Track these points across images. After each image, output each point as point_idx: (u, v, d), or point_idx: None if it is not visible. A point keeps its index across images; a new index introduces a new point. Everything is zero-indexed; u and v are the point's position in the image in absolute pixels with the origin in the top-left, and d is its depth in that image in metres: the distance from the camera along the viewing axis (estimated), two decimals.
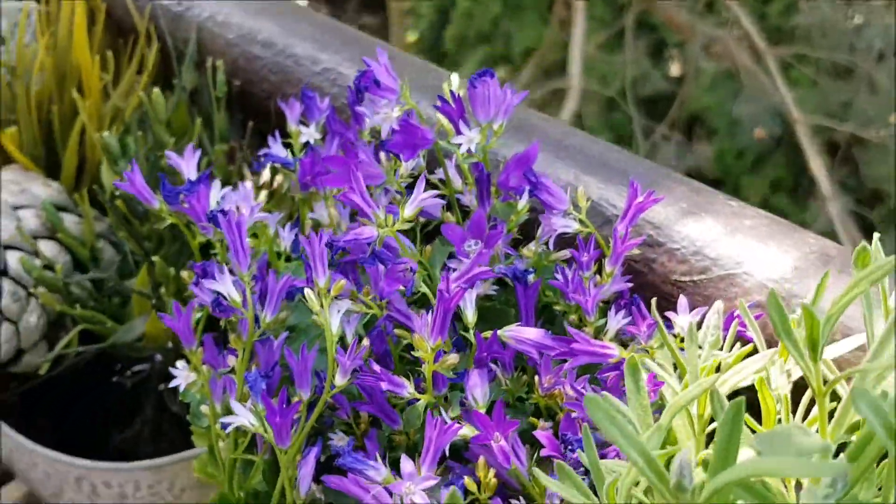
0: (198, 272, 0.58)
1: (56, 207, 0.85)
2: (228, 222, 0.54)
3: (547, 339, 0.53)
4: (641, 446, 0.35)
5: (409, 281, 0.51)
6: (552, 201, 0.57)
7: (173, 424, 0.86)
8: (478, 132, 0.57)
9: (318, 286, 0.52)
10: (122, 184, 0.60)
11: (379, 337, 0.57)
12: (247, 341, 0.55)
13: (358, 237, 0.51)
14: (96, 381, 0.87)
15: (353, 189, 0.52)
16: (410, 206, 0.52)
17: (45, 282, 0.77)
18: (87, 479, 0.79)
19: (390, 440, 0.57)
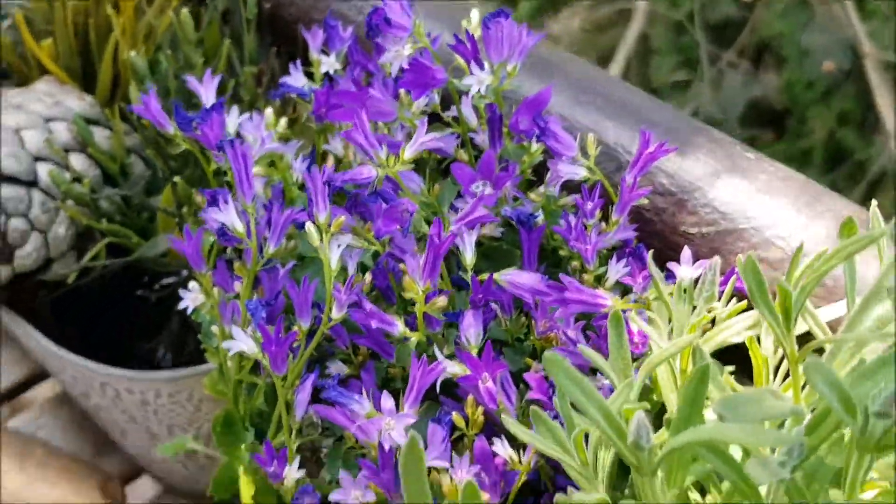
0: (208, 198, 0.59)
1: (88, 121, 0.86)
2: (234, 153, 0.55)
3: (541, 284, 0.53)
4: (600, 402, 0.36)
5: (406, 221, 0.52)
6: (559, 148, 0.57)
7: (196, 337, 0.89)
8: (489, 74, 0.57)
9: (318, 221, 0.53)
10: (137, 108, 0.61)
11: (381, 272, 0.58)
12: (250, 270, 0.57)
13: (356, 177, 0.51)
14: (123, 292, 0.90)
15: (357, 127, 0.52)
16: (411, 148, 0.52)
17: (73, 195, 0.79)
18: (111, 385, 0.83)
19: (387, 372, 0.58)
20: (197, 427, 0.86)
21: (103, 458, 0.99)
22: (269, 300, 0.57)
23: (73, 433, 1.01)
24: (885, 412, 0.33)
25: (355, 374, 0.58)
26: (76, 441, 1.00)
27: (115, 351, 0.89)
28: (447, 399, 0.55)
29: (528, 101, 0.58)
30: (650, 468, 0.35)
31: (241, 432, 0.62)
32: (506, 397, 0.52)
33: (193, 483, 0.94)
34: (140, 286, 0.89)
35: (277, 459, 0.52)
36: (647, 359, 0.43)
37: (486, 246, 0.62)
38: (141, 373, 0.80)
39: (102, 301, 0.90)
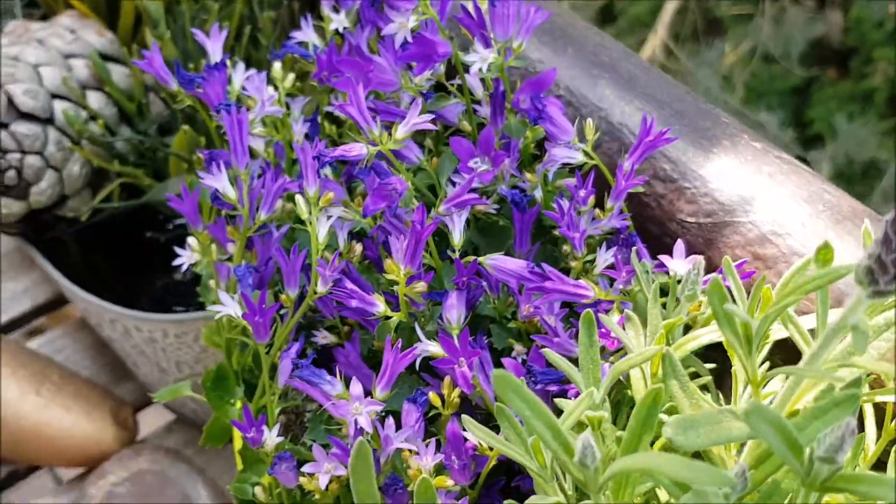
0: (206, 158, 0.60)
1: (108, 58, 0.87)
2: (231, 119, 0.55)
3: (525, 271, 0.53)
4: (548, 419, 0.36)
5: (395, 200, 0.52)
6: (556, 132, 0.56)
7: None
8: (492, 52, 0.56)
9: (307, 194, 0.53)
10: (140, 62, 0.61)
11: (372, 243, 0.58)
12: (241, 235, 0.57)
13: (346, 153, 0.51)
14: (139, 230, 0.91)
15: (352, 101, 0.52)
16: (403, 128, 0.52)
17: (88, 136, 0.80)
18: (120, 322, 0.85)
19: (372, 344, 0.59)
20: (204, 365, 0.88)
21: (118, 384, 1.02)
22: (258, 266, 0.58)
23: (90, 358, 1.04)
24: (829, 458, 0.32)
25: (341, 343, 0.59)
26: (93, 366, 1.03)
27: (131, 286, 0.91)
28: (427, 375, 0.56)
29: (532, 81, 0.57)
30: (596, 486, 0.36)
31: (232, 387, 0.63)
32: (484, 379, 0.53)
33: (203, 415, 0.97)
34: (154, 225, 0.90)
35: (256, 425, 0.53)
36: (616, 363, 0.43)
37: (482, 221, 0.62)
38: (147, 314, 0.82)
39: (118, 237, 0.91)
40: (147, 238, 0.91)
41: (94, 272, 0.91)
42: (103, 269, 0.92)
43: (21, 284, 1.07)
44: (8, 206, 0.80)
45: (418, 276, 0.51)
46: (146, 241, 0.91)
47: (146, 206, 0.87)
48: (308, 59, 0.64)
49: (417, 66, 0.56)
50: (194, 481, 0.90)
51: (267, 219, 0.57)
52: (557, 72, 0.67)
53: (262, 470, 0.61)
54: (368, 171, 0.54)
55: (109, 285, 0.90)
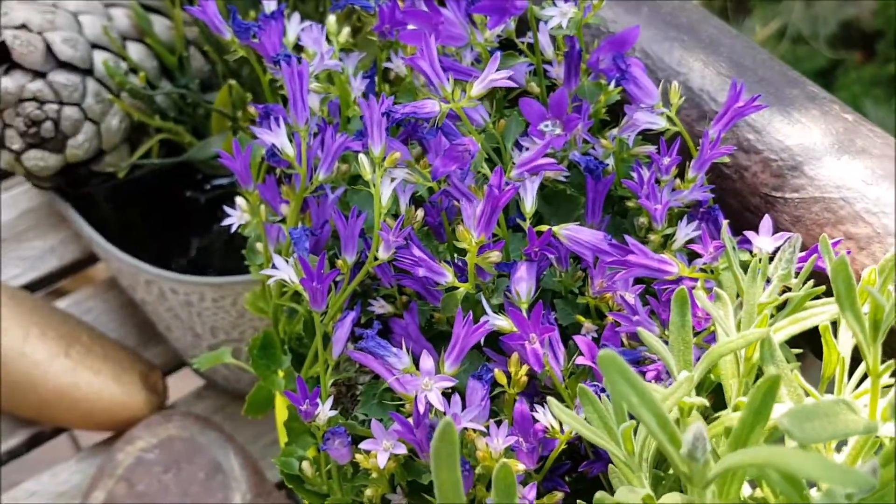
0: (260, 113, 0.56)
1: (149, 9, 0.83)
2: (290, 70, 0.51)
3: (604, 243, 0.49)
4: (656, 406, 0.33)
5: (467, 162, 0.48)
6: (639, 94, 0.52)
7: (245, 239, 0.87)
8: (573, 6, 0.52)
9: (372, 153, 0.50)
10: (193, 9, 0.57)
11: (435, 209, 0.54)
12: (297, 195, 0.54)
13: (418, 110, 0.47)
14: (176, 189, 0.88)
15: (423, 54, 0.48)
16: (479, 84, 0.48)
17: (128, 88, 0.77)
18: (156, 284, 0.82)
19: (431, 315, 0.55)
20: (240, 332, 0.85)
21: (148, 347, 1.00)
22: (314, 229, 0.55)
23: (119, 320, 1.01)
24: None
25: (398, 313, 0.55)
26: (121, 328, 1.00)
27: (167, 246, 0.88)
28: (490, 350, 0.52)
29: (612, 39, 0.53)
30: (703, 481, 0.32)
31: (278, 356, 0.60)
32: (553, 357, 0.49)
33: (234, 381, 0.94)
34: (192, 184, 0.87)
35: (310, 398, 0.50)
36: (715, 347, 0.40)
37: (548, 189, 0.58)
38: (185, 276, 0.78)
39: (155, 196, 0.88)
40: (185, 198, 0.88)
41: (128, 231, 0.88)
42: (138, 228, 0.89)
43: (48, 243, 1.04)
44: (44, 160, 0.77)
45: (490, 245, 0.48)
46: (184, 200, 0.88)
47: (185, 164, 0.84)
48: (369, 12, 0.60)
49: (491, 19, 0.53)
50: (225, 449, 0.88)
51: (325, 179, 0.53)
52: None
53: (309, 443, 0.58)
54: (436, 132, 0.50)
55: (144, 245, 0.87)
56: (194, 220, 0.88)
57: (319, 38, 0.57)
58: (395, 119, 0.47)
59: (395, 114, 0.47)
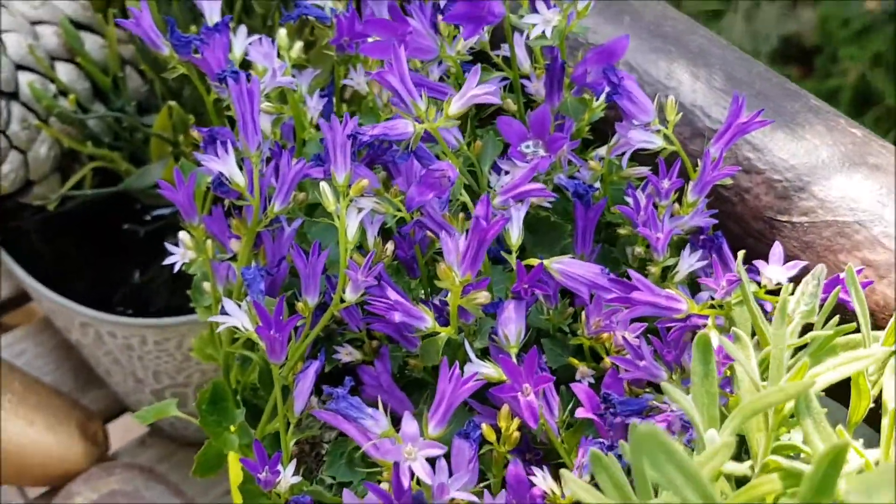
0: (205, 137, 0.50)
1: (80, 26, 0.76)
2: (239, 89, 0.45)
3: (601, 278, 0.44)
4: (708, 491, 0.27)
5: (446, 190, 0.42)
6: (634, 110, 0.47)
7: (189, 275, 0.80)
8: (558, 13, 0.46)
9: (335, 182, 0.43)
10: (127, 22, 0.51)
11: (406, 241, 0.48)
12: (250, 229, 0.47)
13: (389, 131, 0.41)
14: (114, 220, 0.80)
15: (393, 69, 0.42)
16: (458, 101, 0.42)
17: (57, 112, 0.69)
18: (92, 327, 0.74)
19: (405, 361, 0.49)
20: (186, 376, 0.78)
21: (86, 392, 0.91)
22: (270, 268, 0.48)
23: (55, 362, 0.93)
24: None
25: (368, 359, 0.49)
26: (58, 371, 0.92)
27: (102, 285, 0.80)
28: (474, 401, 0.46)
29: (599, 50, 0.48)
30: None
31: (231, 410, 0.53)
32: (547, 409, 0.43)
33: (181, 428, 0.87)
34: (131, 215, 0.79)
35: (269, 465, 0.43)
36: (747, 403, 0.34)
37: (530, 216, 0.52)
38: (124, 318, 0.71)
39: (91, 228, 0.81)
40: (123, 230, 0.80)
41: (61, 268, 0.81)
42: (72, 263, 0.81)
43: None
44: None
45: (473, 284, 0.42)
46: (122, 233, 0.80)
47: (122, 194, 0.76)
48: (325, 23, 0.54)
49: (464, 29, 0.47)
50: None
51: (281, 210, 0.47)
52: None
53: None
54: (407, 154, 0.44)
55: (79, 282, 0.79)
56: (134, 253, 0.81)
57: (270, 53, 0.51)
58: (362, 142, 0.41)
59: (363, 136, 0.41)
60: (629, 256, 0.51)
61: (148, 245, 0.80)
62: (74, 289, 0.75)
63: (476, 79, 0.42)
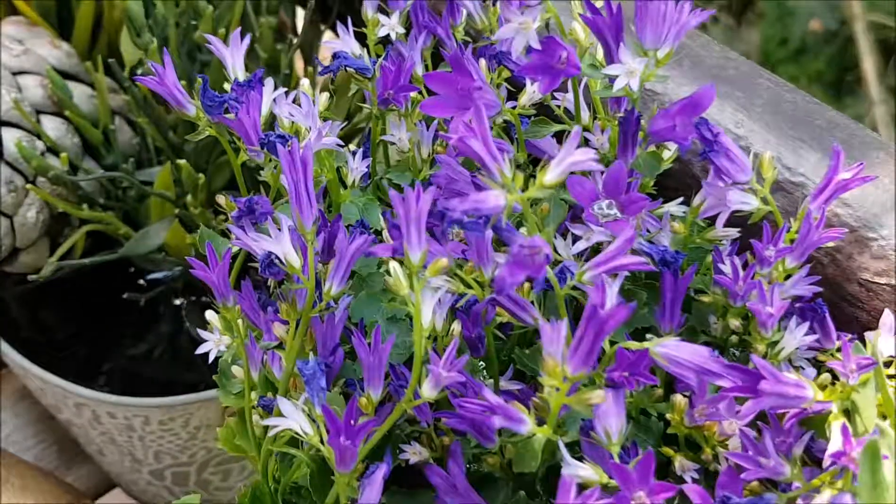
0: (241, 208, 0.44)
1: (66, 76, 0.69)
2: (291, 158, 0.39)
3: (712, 363, 0.39)
4: None
5: (542, 270, 0.37)
6: (732, 169, 0.42)
7: (191, 344, 0.73)
8: (643, 62, 0.41)
9: (409, 261, 0.38)
10: (146, 80, 0.45)
11: (474, 318, 0.43)
12: (303, 316, 0.41)
13: (480, 207, 0.36)
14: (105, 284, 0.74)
15: (474, 132, 0.37)
16: (555, 169, 0.37)
17: (47, 173, 0.63)
18: (89, 407, 0.67)
19: (476, 456, 0.44)
20: (190, 455, 0.71)
21: (72, 468, 0.84)
22: (325, 357, 0.42)
23: (37, 436, 0.85)
24: None
25: (439, 456, 0.43)
26: (40, 445, 0.85)
27: (92, 357, 0.74)
28: None
29: (686, 102, 0.43)
30: None
31: None
32: None
33: None
34: (125, 279, 0.73)
35: None
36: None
37: None
38: (127, 398, 0.64)
39: (77, 296, 0.74)
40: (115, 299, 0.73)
41: (45, 339, 0.74)
42: (58, 334, 0.74)
43: None
44: None
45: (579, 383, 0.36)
46: (113, 299, 0.74)
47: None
48: (365, 75, 0.48)
49: (541, 83, 0.42)
50: None
51: (339, 293, 0.41)
52: (672, 89, 0.54)
53: None
54: (480, 227, 0.39)
55: (65, 354, 0.72)
56: (127, 321, 0.74)
57: (311, 111, 0.45)
58: (452, 220, 0.36)
59: (453, 213, 0.35)
60: (715, 328, 0.46)
61: (144, 310, 0.73)
62: (61, 362, 0.69)
63: (575, 143, 0.37)
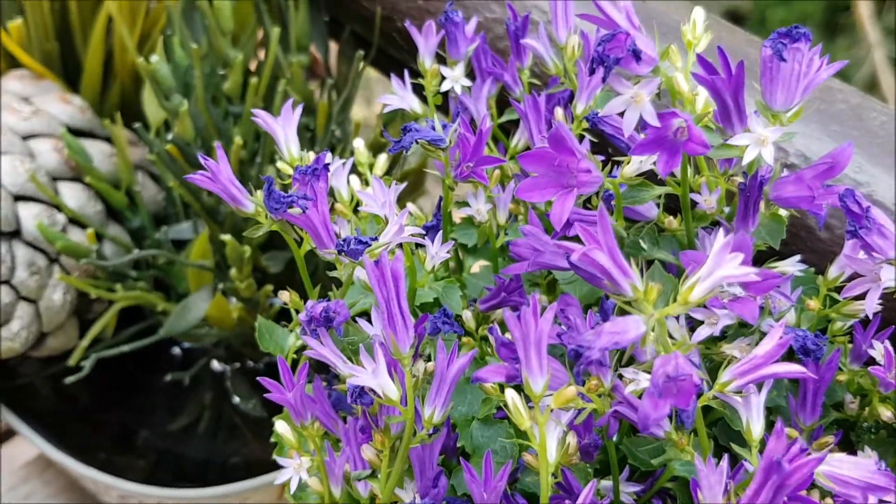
0: (316, 317, 0.38)
1: (80, 133, 0.63)
2: (380, 272, 0.34)
3: (881, 477, 0.33)
4: None
5: (690, 398, 0.31)
6: (885, 246, 0.37)
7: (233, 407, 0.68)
8: (777, 131, 0.36)
9: (529, 391, 0.32)
10: (199, 177, 0.39)
11: (587, 426, 0.38)
12: (402, 446, 0.36)
13: (619, 340, 0.30)
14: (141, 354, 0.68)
15: (599, 242, 0.31)
16: (703, 284, 0.31)
17: (73, 252, 0.57)
18: (135, 499, 0.62)
19: None
20: None
21: None
22: (427, 490, 0.37)
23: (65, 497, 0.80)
24: None
25: None
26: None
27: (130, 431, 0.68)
28: None
29: (821, 165, 0.37)
30: None
31: None
32: None
33: None
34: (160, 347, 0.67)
35: None
36: None
37: (715, 365, 0.42)
38: (181, 491, 0.59)
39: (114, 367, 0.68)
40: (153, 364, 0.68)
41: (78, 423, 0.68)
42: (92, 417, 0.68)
43: None
44: None
45: None
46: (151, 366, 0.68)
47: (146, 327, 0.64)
48: (439, 146, 0.42)
49: (660, 161, 0.36)
50: None
51: (441, 420, 0.36)
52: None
53: None
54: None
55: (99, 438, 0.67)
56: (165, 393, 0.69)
57: (388, 199, 0.40)
58: (589, 360, 0.30)
59: (591, 353, 0.30)
60: (851, 408, 0.41)
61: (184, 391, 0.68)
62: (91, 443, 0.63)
63: (726, 253, 0.31)
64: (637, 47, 0.33)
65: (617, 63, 0.34)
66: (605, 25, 0.37)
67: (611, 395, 0.36)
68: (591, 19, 0.37)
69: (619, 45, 0.34)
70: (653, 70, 0.35)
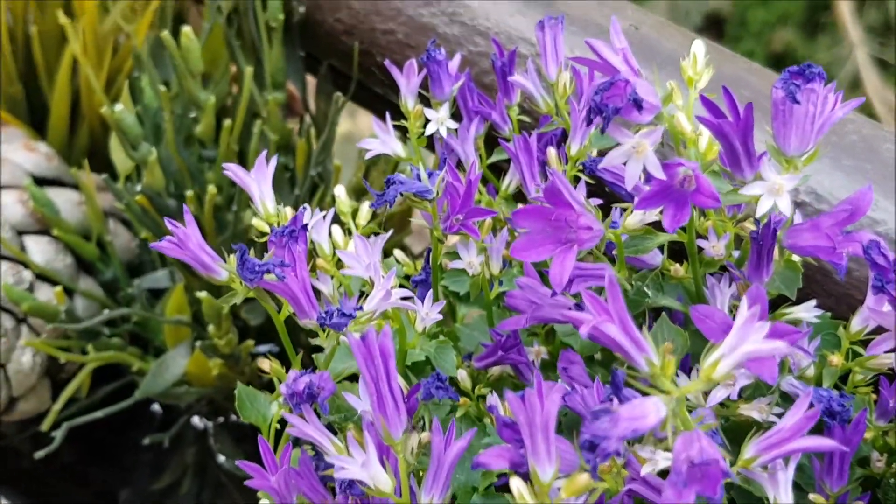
0: (298, 393, 0.35)
1: (45, 182, 0.60)
2: (367, 350, 0.31)
3: None
4: None
5: (717, 485, 0.28)
6: None
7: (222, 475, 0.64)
8: (793, 180, 0.33)
9: (537, 480, 0.29)
10: (164, 246, 0.36)
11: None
12: None
13: (638, 427, 0.27)
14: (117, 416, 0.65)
15: (611, 314, 0.28)
16: (727, 361, 0.28)
17: (41, 314, 0.54)
18: None
19: None
20: None
21: None
22: None
23: None
24: None
25: None
26: None
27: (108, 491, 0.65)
28: None
29: (838, 210, 0.35)
30: None
31: None
32: None
33: None
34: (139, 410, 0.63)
35: None
36: None
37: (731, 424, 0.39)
38: None
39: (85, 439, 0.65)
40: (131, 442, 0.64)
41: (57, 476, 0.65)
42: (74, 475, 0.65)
43: None
44: None
45: None
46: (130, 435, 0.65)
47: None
48: (426, 198, 0.39)
49: (667, 215, 0.33)
50: None
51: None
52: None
53: None
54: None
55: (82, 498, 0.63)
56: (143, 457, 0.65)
57: (373, 261, 0.36)
58: (607, 452, 0.27)
59: (608, 447, 0.27)
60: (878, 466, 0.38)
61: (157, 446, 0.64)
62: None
63: (754, 321, 0.28)
64: (638, 96, 0.31)
65: (616, 113, 0.31)
66: (601, 69, 0.34)
67: (623, 469, 0.33)
68: (586, 62, 0.34)
69: (618, 93, 0.31)
70: (655, 116, 0.33)
